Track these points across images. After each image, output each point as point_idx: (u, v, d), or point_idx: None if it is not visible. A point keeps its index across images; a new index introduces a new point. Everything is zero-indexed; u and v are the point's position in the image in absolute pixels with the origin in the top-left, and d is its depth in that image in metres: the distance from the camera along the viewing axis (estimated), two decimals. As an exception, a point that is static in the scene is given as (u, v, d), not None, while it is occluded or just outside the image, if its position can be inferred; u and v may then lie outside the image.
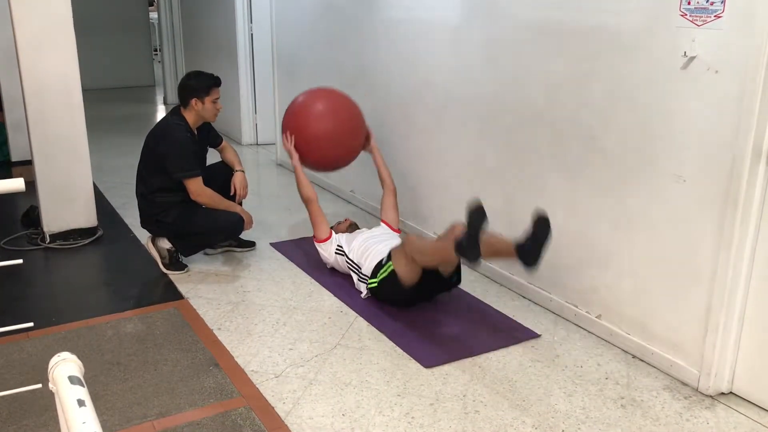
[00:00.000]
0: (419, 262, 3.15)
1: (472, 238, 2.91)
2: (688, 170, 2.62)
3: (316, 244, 3.77)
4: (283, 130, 3.99)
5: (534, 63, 3.26)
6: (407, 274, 3.21)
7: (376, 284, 3.33)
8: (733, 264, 2.51)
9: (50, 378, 1.16)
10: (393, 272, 3.24)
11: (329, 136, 3.89)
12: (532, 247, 2.88)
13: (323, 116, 3.92)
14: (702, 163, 2.56)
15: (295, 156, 3.90)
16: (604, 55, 2.89)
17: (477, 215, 2.96)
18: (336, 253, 3.66)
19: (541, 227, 2.88)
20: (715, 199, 2.54)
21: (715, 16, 2.42)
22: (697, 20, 2.48)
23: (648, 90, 2.72)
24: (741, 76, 2.38)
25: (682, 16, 2.53)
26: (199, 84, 3.67)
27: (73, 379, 1.11)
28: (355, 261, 3.51)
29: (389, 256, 3.30)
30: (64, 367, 1.15)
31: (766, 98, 2.34)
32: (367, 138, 4.07)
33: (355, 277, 3.52)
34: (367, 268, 3.41)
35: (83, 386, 1.11)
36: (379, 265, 3.33)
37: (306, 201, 3.87)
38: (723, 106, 2.46)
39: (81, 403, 1.05)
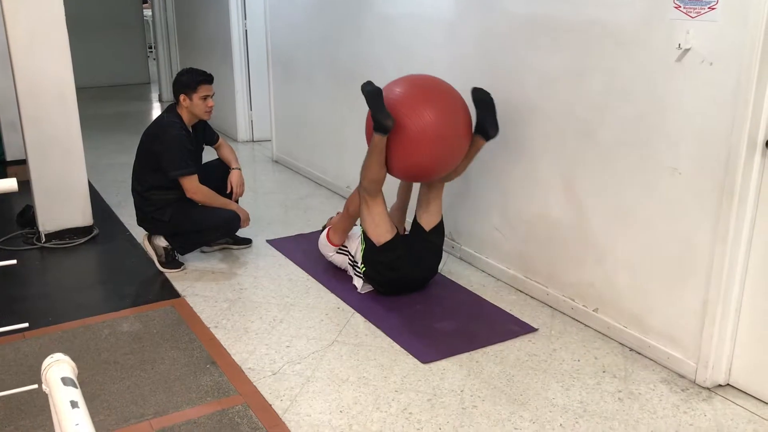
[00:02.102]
0: (369, 184, 3.23)
1: (375, 107, 3.08)
2: (683, 163, 2.62)
3: (322, 239, 3.73)
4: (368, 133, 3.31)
5: (529, 57, 3.25)
6: (374, 226, 3.27)
7: (364, 266, 3.37)
8: (729, 256, 2.52)
9: (43, 379, 1.15)
10: (366, 238, 3.30)
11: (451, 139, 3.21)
12: (486, 118, 3.19)
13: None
14: (698, 156, 2.56)
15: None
16: (598, 48, 2.88)
17: (369, 89, 3.17)
18: (339, 252, 3.65)
19: (481, 96, 3.21)
20: (711, 191, 2.54)
21: (709, 7, 2.41)
22: (691, 12, 2.48)
23: (643, 83, 2.71)
24: (736, 68, 2.37)
25: (676, 8, 2.53)
26: (187, 80, 3.66)
27: (66, 381, 1.11)
28: (349, 250, 3.53)
29: (362, 230, 3.36)
30: (57, 368, 1.15)
31: (760, 90, 2.33)
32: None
33: (351, 271, 3.52)
34: (358, 256, 3.42)
35: (76, 387, 1.10)
36: (360, 244, 3.39)
37: (348, 211, 3.59)
38: (718, 98, 2.45)
39: (74, 404, 1.04)
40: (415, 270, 3.41)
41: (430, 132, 3.05)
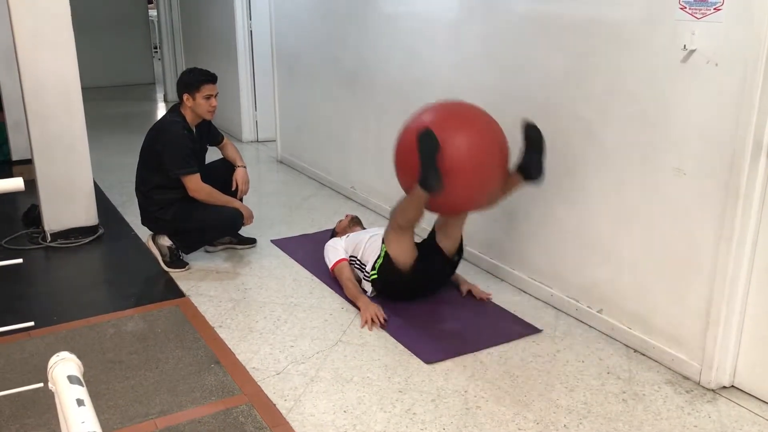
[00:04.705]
0: (402, 222, 3.12)
1: (427, 164, 2.82)
2: (688, 164, 2.61)
3: (328, 258, 3.66)
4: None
5: (533, 57, 3.25)
6: (400, 252, 3.19)
7: (375, 275, 3.33)
8: (733, 257, 2.51)
9: (49, 377, 1.16)
10: (387, 255, 3.23)
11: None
12: (531, 158, 2.94)
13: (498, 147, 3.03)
14: (702, 157, 2.56)
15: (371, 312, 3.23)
16: (603, 48, 2.88)
17: (427, 142, 2.84)
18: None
19: (533, 135, 2.95)
20: (715, 192, 2.53)
21: (714, 8, 2.41)
22: (696, 13, 2.47)
23: (648, 83, 2.71)
24: (741, 69, 2.37)
25: (681, 8, 2.52)
26: (191, 80, 3.67)
27: (72, 379, 1.11)
28: (360, 259, 3.50)
29: (383, 242, 3.30)
30: (63, 366, 1.15)
31: (766, 91, 2.33)
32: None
33: (361, 275, 3.51)
34: (370, 265, 3.40)
35: (82, 386, 1.11)
36: (378, 257, 3.33)
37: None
38: (723, 99, 2.45)
39: (80, 402, 1.05)
40: (426, 286, 3.40)
41: (465, 162, 2.86)
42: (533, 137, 2.98)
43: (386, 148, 4.35)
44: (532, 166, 2.97)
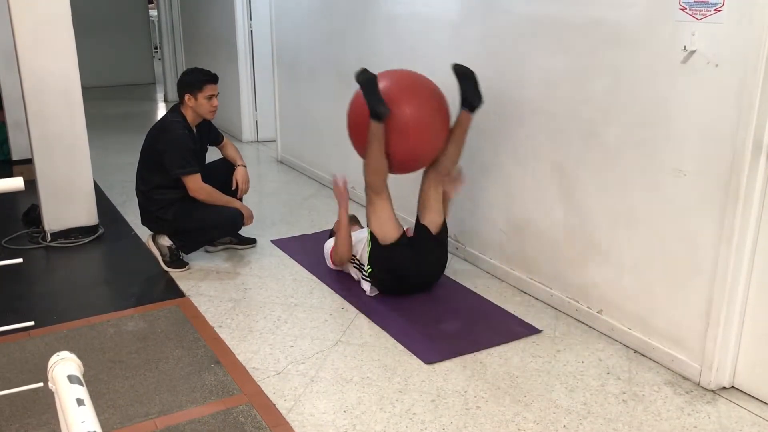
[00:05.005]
0: (372, 179, 3.28)
1: (371, 95, 3.17)
2: (688, 164, 2.61)
3: (326, 249, 3.71)
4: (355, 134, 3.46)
5: (533, 58, 3.25)
6: (379, 225, 3.28)
7: (370, 268, 3.35)
8: (734, 258, 2.51)
9: (49, 377, 1.16)
10: (372, 236, 3.30)
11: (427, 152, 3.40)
12: (468, 88, 3.27)
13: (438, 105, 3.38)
14: (702, 157, 2.56)
15: (346, 202, 3.57)
16: (603, 49, 2.88)
17: (364, 77, 3.25)
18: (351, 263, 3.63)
19: (461, 70, 3.29)
20: (715, 193, 2.53)
21: (714, 9, 2.41)
22: (696, 14, 2.48)
23: (648, 84, 2.71)
24: (741, 70, 2.37)
25: (681, 9, 2.52)
26: (192, 80, 3.67)
27: (72, 378, 1.11)
28: (359, 259, 3.50)
29: (368, 228, 3.36)
30: (64, 366, 1.15)
31: (766, 92, 2.33)
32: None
33: (359, 274, 3.51)
34: (366, 261, 3.41)
35: (82, 385, 1.11)
36: (366, 244, 3.38)
37: (339, 260, 3.60)
38: (723, 100, 2.45)
39: (80, 402, 1.05)
40: (420, 271, 3.41)
41: (411, 123, 3.24)
42: (462, 71, 3.29)
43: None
44: (470, 96, 3.27)
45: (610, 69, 2.86)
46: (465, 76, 3.30)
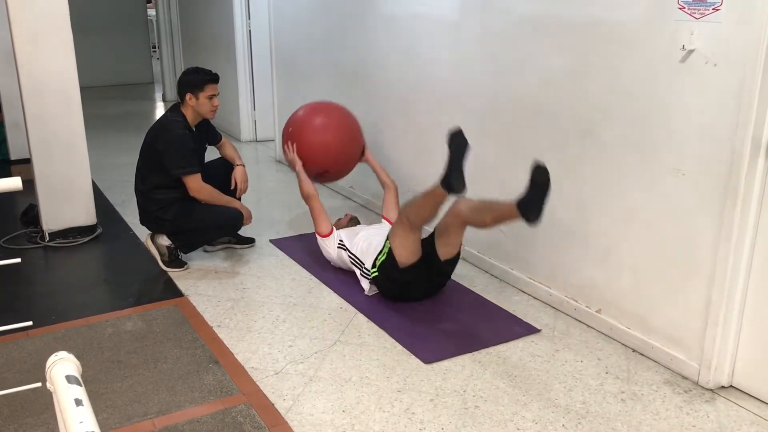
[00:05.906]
0: (415, 220, 3.14)
1: (454, 166, 2.94)
2: (687, 164, 2.61)
3: (319, 239, 3.75)
4: (284, 141, 4.08)
5: (532, 57, 3.25)
6: (404, 250, 3.19)
7: (376, 272, 3.33)
8: (732, 257, 2.51)
9: (48, 377, 1.16)
10: (390, 252, 3.23)
11: (332, 148, 4.01)
12: (533, 198, 2.80)
13: (326, 129, 4.04)
14: (701, 157, 2.56)
15: (299, 163, 3.96)
16: (602, 48, 2.88)
17: (457, 141, 2.97)
18: (338, 247, 3.65)
19: (540, 176, 2.80)
20: (714, 192, 2.53)
21: (713, 8, 2.41)
22: (695, 13, 2.48)
23: (647, 83, 2.71)
24: (740, 69, 2.37)
25: (680, 9, 2.52)
26: (194, 79, 3.67)
27: (70, 379, 1.11)
28: (358, 256, 3.50)
29: (387, 239, 3.30)
30: (62, 366, 1.15)
31: (764, 91, 2.33)
32: (363, 150, 4.14)
33: (358, 272, 3.51)
34: (370, 262, 3.41)
35: (80, 385, 1.10)
36: (379, 253, 3.33)
37: (306, 198, 3.86)
38: (722, 99, 2.45)
39: (78, 402, 1.04)
40: (421, 291, 3.41)
41: (332, 147, 3.99)
42: (540, 180, 2.80)
43: (385, 149, 4.36)
44: (531, 208, 2.82)
45: (609, 68, 2.86)
46: (539, 187, 2.81)
